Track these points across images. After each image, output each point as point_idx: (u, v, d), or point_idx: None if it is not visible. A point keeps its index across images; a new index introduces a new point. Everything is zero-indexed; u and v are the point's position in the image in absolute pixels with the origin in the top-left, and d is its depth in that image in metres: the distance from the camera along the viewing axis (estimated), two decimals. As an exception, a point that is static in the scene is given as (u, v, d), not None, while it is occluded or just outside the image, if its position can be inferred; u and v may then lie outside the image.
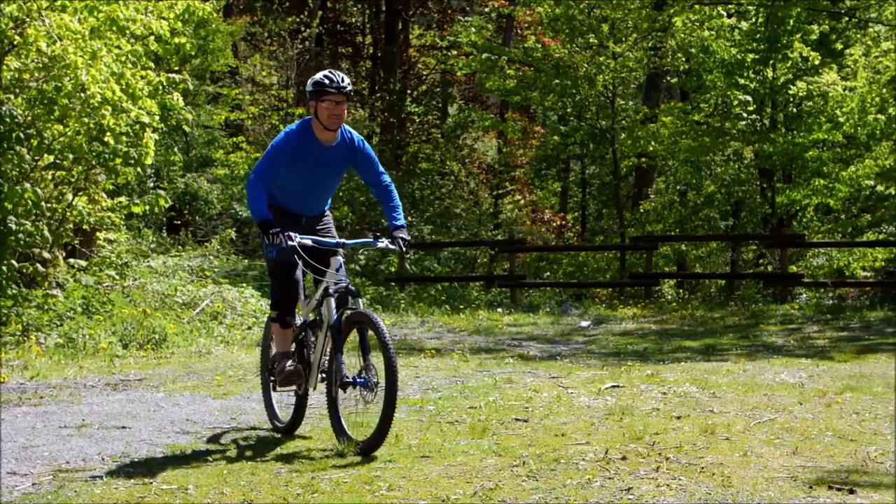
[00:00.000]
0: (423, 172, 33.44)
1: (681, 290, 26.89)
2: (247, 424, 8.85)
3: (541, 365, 12.32)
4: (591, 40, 28.52)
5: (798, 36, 24.67)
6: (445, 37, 34.19)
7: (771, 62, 24.97)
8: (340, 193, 28.76)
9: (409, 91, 36.21)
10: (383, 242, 8.04)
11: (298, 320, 8.40)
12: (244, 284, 18.31)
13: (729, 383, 10.22)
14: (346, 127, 8.16)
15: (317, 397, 10.07)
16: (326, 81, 7.85)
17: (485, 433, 7.95)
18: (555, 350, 14.40)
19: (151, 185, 22.30)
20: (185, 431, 8.55)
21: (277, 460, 7.42)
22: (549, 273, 29.58)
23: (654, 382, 10.36)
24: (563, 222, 36.29)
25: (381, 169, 8.34)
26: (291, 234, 7.73)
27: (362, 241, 8.38)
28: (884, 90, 25.16)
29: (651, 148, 28.18)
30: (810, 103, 25.24)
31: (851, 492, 6.20)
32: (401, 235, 8.09)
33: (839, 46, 27.02)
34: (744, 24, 25.31)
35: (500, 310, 20.02)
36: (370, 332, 7.60)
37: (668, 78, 31.78)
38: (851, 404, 8.96)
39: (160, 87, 14.86)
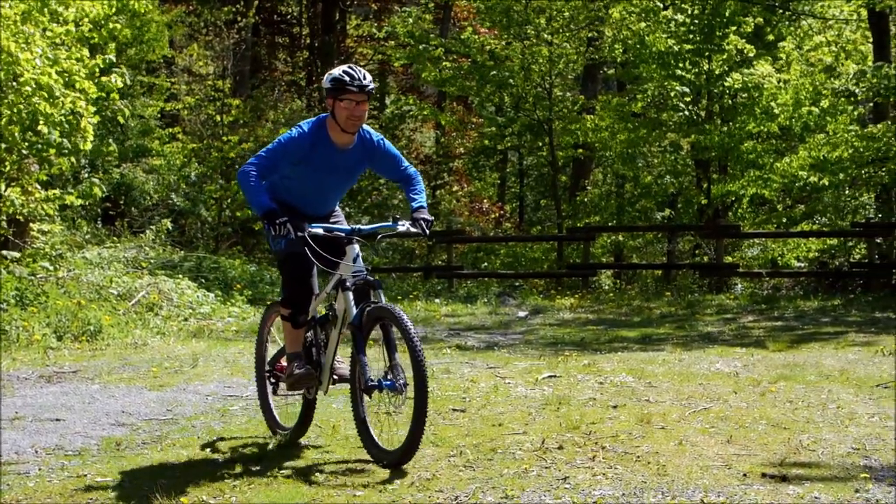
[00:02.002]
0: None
1: (618, 281, 27.09)
2: (183, 416, 8.79)
3: (478, 355, 12.34)
4: (527, 31, 28.58)
5: (733, 28, 24.86)
6: (383, 27, 34.13)
7: (707, 54, 25.14)
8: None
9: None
10: (403, 226, 7.31)
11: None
12: (180, 276, 18.18)
13: (665, 373, 10.29)
14: (364, 126, 7.37)
15: (253, 388, 10.04)
16: (347, 78, 7.08)
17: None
18: (492, 340, 14.42)
19: (86, 175, 22.08)
20: (120, 423, 8.48)
21: (214, 452, 7.38)
22: (486, 264, 29.65)
23: (590, 372, 10.40)
24: (501, 213, 36.35)
25: (405, 163, 7.59)
26: (300, 223, 7.09)
27: (380, 226, 7.52)
28: (817, 83, 25.40)
29: (588, 140, 28.31)
30: (745, 95, 25.44)
31: (784, 479, 6.27)
32: (422, 216, 7.34)
33: (772, 38, 27.25)
34: (680, 16, 25.45)
35: (437, 300, 20.02)
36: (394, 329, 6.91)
37: (605, 69, 31.93)
38: (785, 393, 9.05)
39: (97, 70, 14.73)
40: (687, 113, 25.78)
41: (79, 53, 14.62)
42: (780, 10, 27.14)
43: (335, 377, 7.42)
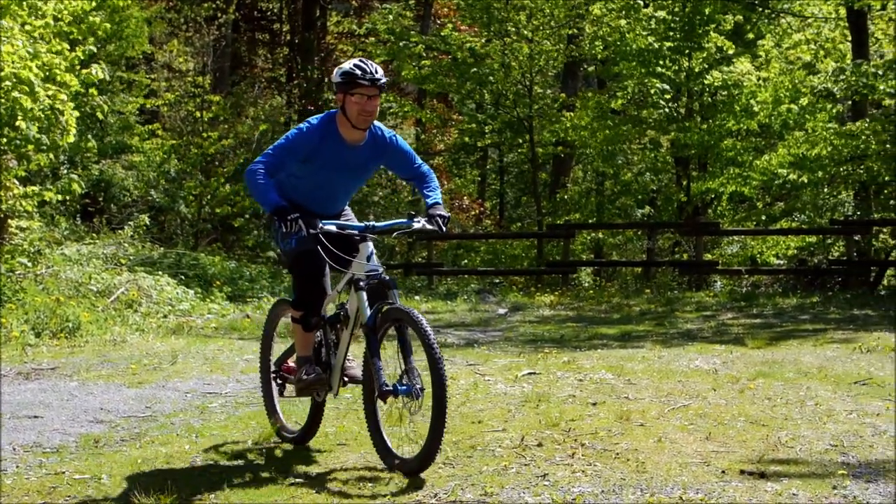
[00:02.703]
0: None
1: (597, 278, 27.13)
2: (162, 413, 8.76)
3: (458, 352, 12.34)
4: (508, 28, 28.59)
5: (713, 26, 24.92)
6: (363, 24, 34.10)
7: (687, 51, 25.19)
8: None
9: (326, 78, 36.04)
10: (419, 223, 7.01)
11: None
12: (160, 272, 18.13)
13: (644, 370, 10.30)
14: (376, 122, 7.10)
15: (233, 385, 10.02)
16: (358, 72, 6.81)
17: (401, 420, 7.91)
18: (472, 337, 14.43)
19: (65, 171, 22.00)
20: (98, 420, 8.46)
21: (193, 449, 7.36)
22: (467, 261, 29.66)
23: (570, 369, 10.41)
24: (482, 210, 36.36)
25: (419, 161, 7.35)
26: (313, 220, 6.78)
27: (395, 223, 7.20)
28: (796, 81, 25.47)
29: (569, 137, 28.33)
30: (725, 93, 25.50)
31: (762, 476, 6.28)
32: (438, 213, 7.04)
33: (752, 36, 27.32)
34: (660, 14, 25.50)
35: (417, 297, 20.02)
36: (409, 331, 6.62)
37: (585, 66, 31.96)
38: (764, 390, 9.06)
39: (76, 62, 14.68)
40: (667, 110, 25.83)
41: (59, 46, 14.57)
42: (760, 9, 27.20)
43: (346, 378, 7.18)
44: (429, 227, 7.01)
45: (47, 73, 14.06)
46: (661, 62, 25.25)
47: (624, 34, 25.72)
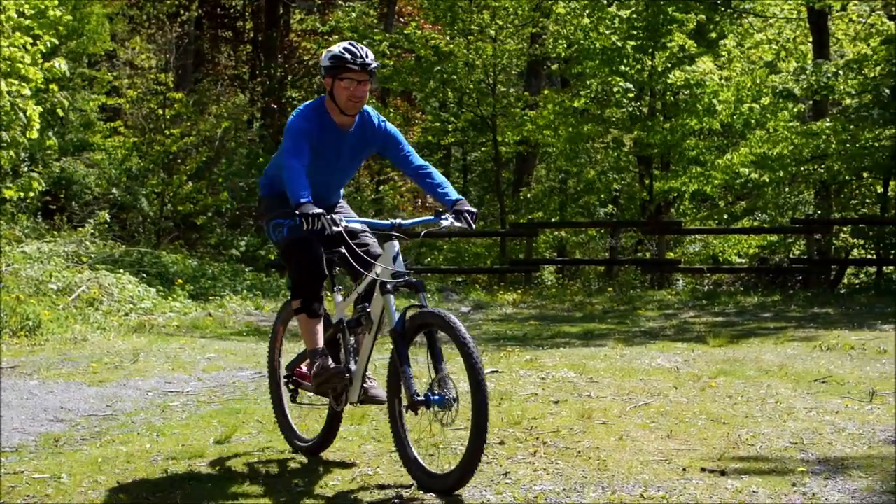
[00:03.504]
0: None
1: (560, 276, 27.19)
2: (123, 412, 8.72)
3: (420, 350, 12.32)
4: (471, 27, 28.61)
5: (676, 25, 25.02)
6: (327, 22, 34.03)
7: (650, 50, 25.28)
8: (220, 179, 28.50)
9: (290, 76, 35.98)
10: (447, 220, 6.61)
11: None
12: (121, 270, 18.03)
13: (606, 368, 10.33)
14: (365, 107, 6.88)
15: (195, 384, 9.98)
16: (347, 56, 6.58)
17: (364, 419, 7.93)
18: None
19: (26, 169, 21.86)
20: (58, 419, 8.41)
21: (154, 448, 7.33)
22: (429, 259, 29.64)
23: (532, 368, 10.42)
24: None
25: (409, 148, 7.05)
26: (335, 217, 6.42)
27: (422, 221, 6.82)
28: (758, 80, 25.61)
29: (532, 136, 28.38)
30: (688, 92, 25.61)
31: (723, 474, 6.32)
32: (466, 209, 6.69)
33: (714, 35, 27.46)
34: (624, 13, 25.58)
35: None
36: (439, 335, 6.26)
37: (549, 64, 32.02)
38: (725, 388, 9.11)
39: (38, 56, 14.60)
40: (630, 109, 25.92)
41: (22, 40, 14.48)
42: (723, 8, 27.33)
43: (366, 396, 6.76)
44: (458, 224, 6.66)
45: (10, 67, 13.97)
46: (624, 61, 25.33)
47: (588, 33, 25.78)
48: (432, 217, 6.71)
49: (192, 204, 26.45)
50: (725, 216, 28.25)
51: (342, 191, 7.29)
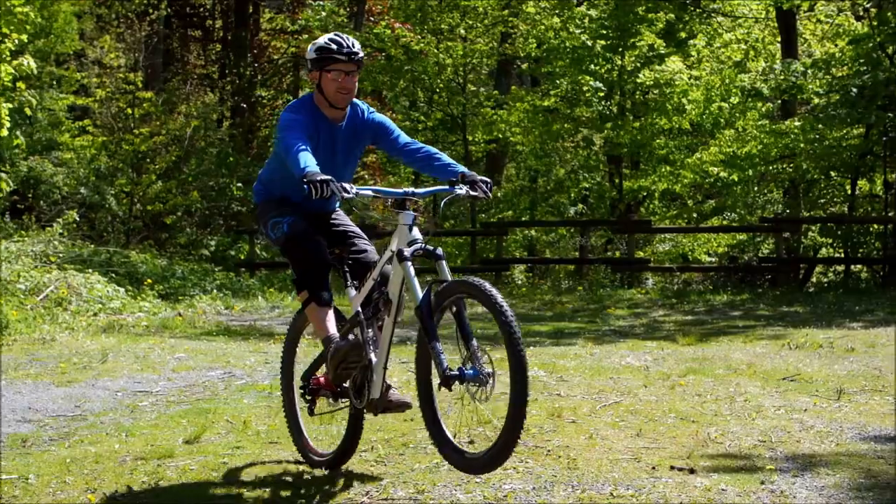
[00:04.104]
0: (275, 157, 33.20)
1: (530, 275, 27.21)
2: (91, 412, 8.68)
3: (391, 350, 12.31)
4: (442, 26, 28.62)
5: (645, 25, 25.09)
6: (296, 21, 33.96)
7: (620, 49, 25.34)
8: (190, 178, 28.40)
9: (259, 75, 35.89)
10: (462, 189, 6.23)
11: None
12: (90, 270, 17.94)
13: (576, 367, 10.35)
14: (354, 99, 6.60)
15: (164, 384, 9.94)
16: (334, 46, 6.32)
17: (333, 419, 7.91)
18: (405, 335, 14.37)
19: (-7, 168, 21.76)
20: (26, 420, 8.37)
21: (123, 448, 7.30)
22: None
23: (502, 367, 10.41)
24: (416, 208, 36.31)
25: (402, 132, 6.74)
26: (346, 185, 5.98)
27: (436, 190, 6.46)
28: (727, 79, 25.71)
29: (502, 135, 28.40)
30: (657, 91, 25.69)
31: (692, 472, 6.34)
32: (480, 178, 6.30)
33: (683, 35, 27.55)
34: (594, 12, 25.63)
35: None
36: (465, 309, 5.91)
37: (519, 64, 32.07)
38: (694, 386, 9.14)
39: (7, 54, 14.54)
40: (600, 108, 25.96)
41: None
42: (692, 8, 27.43)
43: (389, 402, 6.34)
44: (473, 193, 6.25)
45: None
46: (594, 60, 25.38)
47: (558, 32, 25.82)
48: (446, 187, 6.36)
49: (162, 203, 26.36)
50: (695, 215, 28.34)
51: (339, 199, 6.81)
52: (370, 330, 6.37)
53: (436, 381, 5.89)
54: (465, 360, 5.80)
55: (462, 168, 6.39)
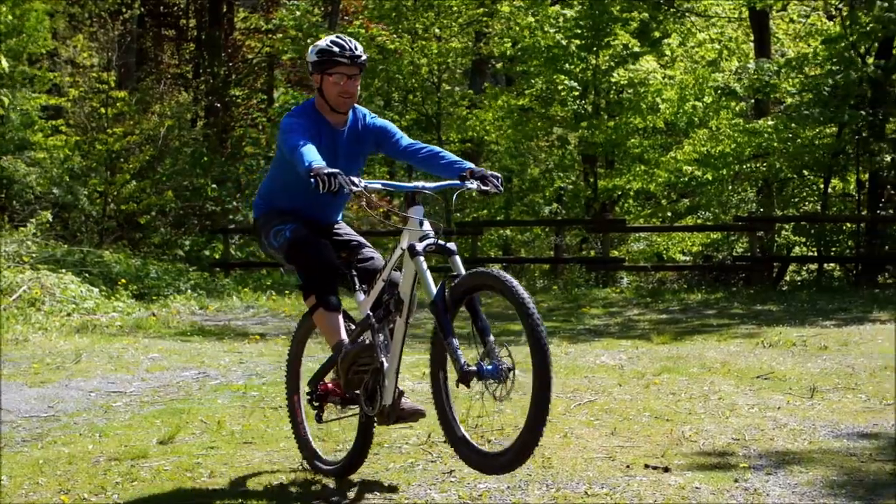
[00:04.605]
0: (249, 156, 33.14)
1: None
2: (65, 413, 8.64)
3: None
4: (416, 26, 28.62)
5: (619, 24, 25.15)
6: (270, 20, 33.89)
7: (594, 49, 25.38)
8: (164, 178, 28.33)
9: (234, 75, 35.81)
10: (473, 184, 6.04)
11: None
12: (64, 270, 17.86)
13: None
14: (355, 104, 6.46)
15: (138, 384, 9.91)
16: (336, 49, 6.18)
17: (307, 419, 7.90)
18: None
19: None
20: (-1, 421, 8.33)
21: (97, 449, 7.27)
22: (373, 258, 29.57)
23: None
24: (390, 207, 36.31)
25: (404, 134, 6.56)
26: (354, 178, 5.80)
27: (446, 185, 6.21)
28: (701, 79, 25.78)
29: (476, 134, 28.42)
30: (631, 91, 25.75)
31: (666, 470, 6.36)
32: (490, 173, 6.12)
33: (658, 35, 27.63)
34: (568, 12, 25.67)
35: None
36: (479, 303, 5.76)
37: (493, 63, 32.09)
38: (668, 385, 9.17)
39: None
40: (575, 108, 26.00)
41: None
42: (666, 8, 27.51)
43: (402, 411, 6.14)
44: (484, 188, 6.07)
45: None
46: (569, 60, 25.42)
47: (533, 31, 25.83)
48: (457, 182, 6.16)
49: (136, 203, 26.27)
50: (669, 214, 28.42)
51: (342, 210, 6.81)
52: (381, 334, 6.20)
53: (451, 377, 5.73)
54: (483, 356, 5.63)
55: (469, 164, 6.22)
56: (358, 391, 6.24)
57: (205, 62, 34.47)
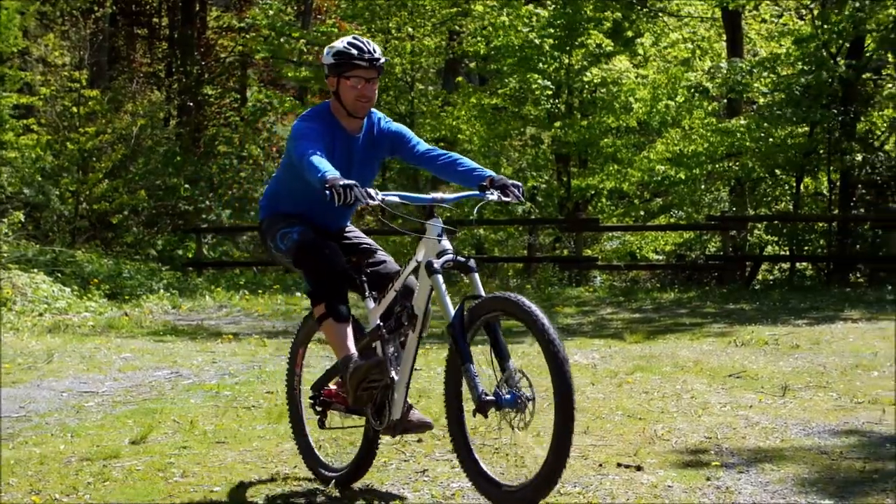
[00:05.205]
0: (222, 156, 33.07)
1: (479, 274, 27.24)
2: (36, 413, 8.61)
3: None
4: (389, 25, 28.60)
5: (592, 24, 25.19)
6: (243, 19, 33.84)
7: (568, 48, 25.42)
8: (137, 177, 28.23)
9: (206, 73, 35.71)
10: (493, 195, 5.79)
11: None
12: (35, 270, 17.80)
13: (524, 365, 10.27)
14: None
15: (110, 384, 9.87)
16: (354, 51, 5.93)
17: (281, 418, 7.90)
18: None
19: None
20: (-30, 422, 8.28)
21: (68, 449, 7.24)
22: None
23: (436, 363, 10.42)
24: (364, 206, 36.22)
25: (420, 139, 6.32)
26: (370, 190, 5.58)
27: (466, 195, 6.04)
28: (674, 78, 25.85)
29: (450, 133, 28.41)
30: (605, 90, 25.80)
31: (639, 469, 6.37)
32: (511, 182, 5.86)
33: (630, 34, 27.70)
34: (542, 12, 25.70)
35: (298, 294, 19.93)
36: (499, 326, 5.56)
37: (467, 62, 32.11)
38: (641, 384, 9.19)
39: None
40: (548, 107, 26.04)
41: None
42: (639, 7, 27.58)
43: (409, 423, 5.96)
44: (505, 199, 5.82)
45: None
46: (542, 59, 25.45)
47: (506, 30, 25.84)
48: (476, 192, 5.92)
49: (108, 202, 26.18)
50: (642, 213, 28.48)
51: (351, 215, 6.56)
52: (391, 346, 5.99)
53: (468, 404, 5.55)
54: (501, 383, 5.43)
55: (489, 172, 5.97)
56: (365, 405, 6.05)
57: (177, 61, 34.39)
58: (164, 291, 19.46)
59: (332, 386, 6.43)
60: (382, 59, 5.98)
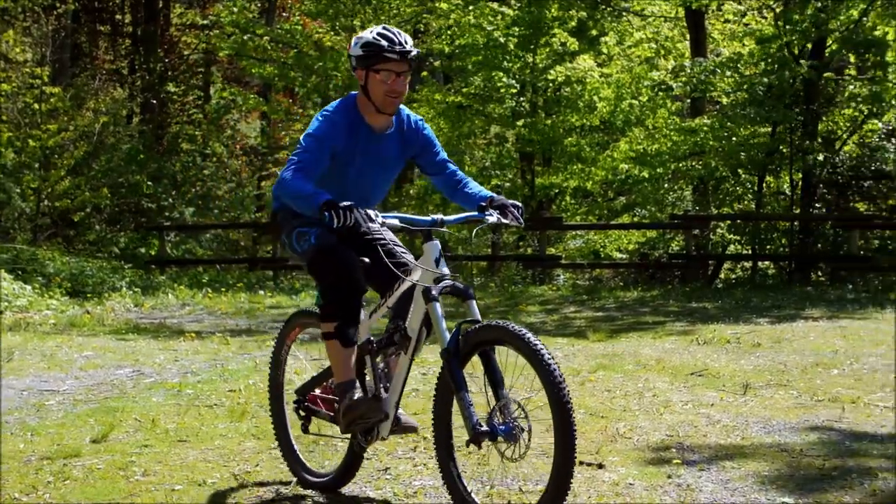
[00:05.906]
0: (185, 153, 32.97)
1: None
2: (-4, 412, 8.55)
3: (302, 347, 12.25)
4: (354, 23, 28.56)
5: (557, 23, 25.24)
6: (207, 16, 33.72)
7: (532, 47, 25.46)
8: (100, 175, 28.08)
9: (170, 71, 35.57)
10: (493, 216, 5.64)
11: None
12: (-4, 267, 17.72)
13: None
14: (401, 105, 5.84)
15: (71, 382, 9.80)
16: (384, 42, 5.54)
17: (244, 416, 7.88)
18: (317, 332, 14.35)
19: None
20: (-71, 420, 8.22)
21: (28, 448, 7.19)
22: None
23: (414, 364, 10.42)
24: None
25: (444, 152, 6.06)
26: (370, 211, 5.30)
27: (466, 217, 5.78)
28: (637, 78, 25.93)
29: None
30: (569, 89, 25.86)
31: (601, 467, 6.40)
32: (511, 203, 5.73)
33: (595, 33, 27.77)
34: (507, 10, 25.74)
35: (262, 292, 19.89)
36: (498, 355, 5.43)
37: (431, 60, 32.10)
38: (604, 382, 9.22)
39: None
40: (512, 105, 26.07)
41: None
42: (603, 7, 27.65)
43: (397, 426, 5.81)
44: (505, 221, 5.69)
45: None
46: (507, 57, 25.48)
47: (471, 28, 25.85)
48: (476, 213, 5.76)
49: (70, 200, 26.04)
50: (606, 212, 28.57)
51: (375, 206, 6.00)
52: (381, 362, 5.87)
53: (457, 433, 5.47)
54: (494, 412, 5.26)
55: (489, 192, 5.83)
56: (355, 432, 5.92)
57: (140, 58, 34.24)
58: (126, 289, 19.38)
59: (317, 391, 6.29)
60: (415, 52, 5.62)
